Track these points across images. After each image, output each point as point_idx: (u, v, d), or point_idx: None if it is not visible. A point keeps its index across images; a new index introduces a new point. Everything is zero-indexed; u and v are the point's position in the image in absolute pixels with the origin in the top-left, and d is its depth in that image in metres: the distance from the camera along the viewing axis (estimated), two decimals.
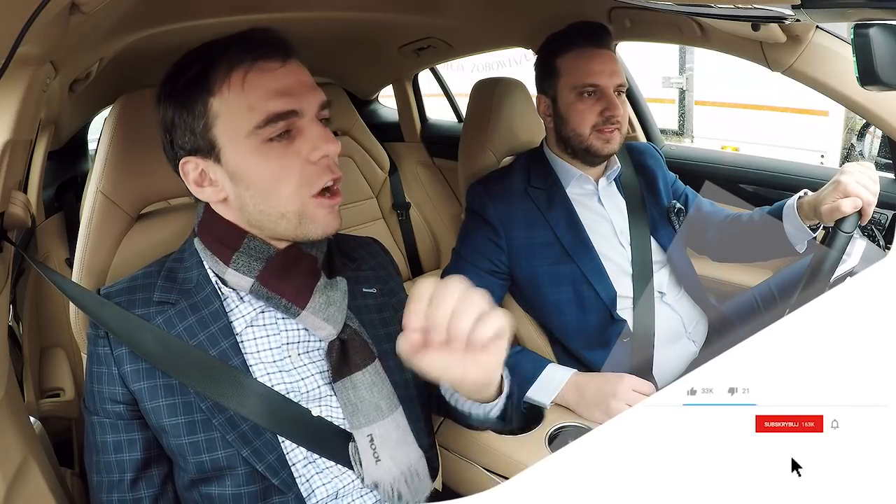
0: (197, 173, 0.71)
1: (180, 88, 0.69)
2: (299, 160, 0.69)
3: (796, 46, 1.05)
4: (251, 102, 0.67)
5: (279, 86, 0.68)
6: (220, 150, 0.69)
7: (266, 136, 0.67)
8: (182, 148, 0.71)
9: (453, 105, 2.30)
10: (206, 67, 0.68)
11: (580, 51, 1.16)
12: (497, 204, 1.19)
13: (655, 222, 1.25)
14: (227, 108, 0.68)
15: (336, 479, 0.75)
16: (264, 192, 0.69)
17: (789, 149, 3.67)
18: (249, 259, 0.73)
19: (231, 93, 0.67)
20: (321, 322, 0.75)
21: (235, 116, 0.67)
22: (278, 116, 0.67)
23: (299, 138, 0.69)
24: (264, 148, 0.68)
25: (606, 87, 1.14)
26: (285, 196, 0.69)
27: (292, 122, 0.68)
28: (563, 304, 1.18)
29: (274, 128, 0.67)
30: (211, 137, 0.69)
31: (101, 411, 0.73)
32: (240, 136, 0.68)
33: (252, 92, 0.67)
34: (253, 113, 0.67)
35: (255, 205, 0.70)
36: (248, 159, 0.68)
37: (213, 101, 0.68)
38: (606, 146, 1.15)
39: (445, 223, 2.17)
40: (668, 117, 4.60)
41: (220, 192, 0.72)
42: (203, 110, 0.68)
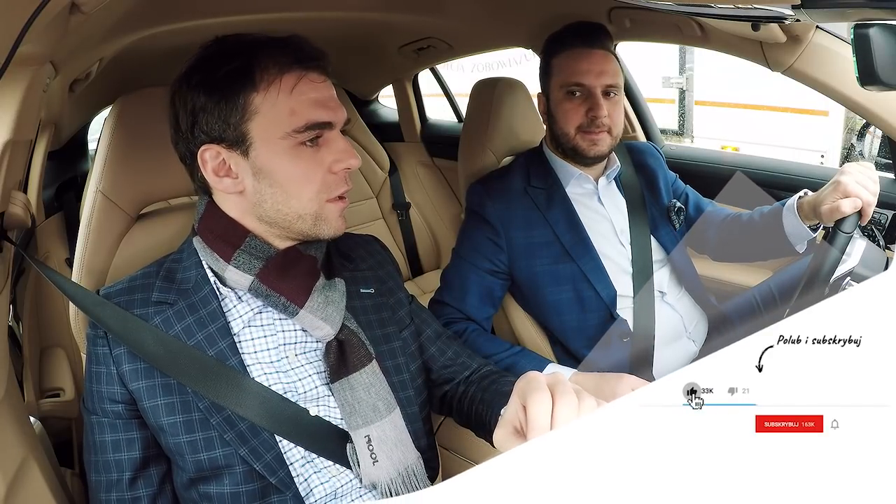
0: (217, 162, 0.72)
1: (220, 77, 0.70)
2: (323, 168, 0.72)
3: (796, 46, 1.05)
4: (294, 107, 0.70)
5: (321, 97, 0.72)
6: (250, 144, 0.71)
7: (300, 140, 0.71)
8: (207, 134, 0.71)
9: (453, 105, 2.30)
10: (251, 63, 0.70)
11: (571, 50, 1.16)
12: (497, 204, 1.19)
13: (656, 221, 1.25)
14: (270, 106, 0.70)
15: (334, 478, 0.76)
16: (287, 192, 0.72)
17: (789, 149, 3.67)
18: (250, 257, 0.74)
19: (278, 94, 0.70)
20: (319, 322, 0.75)
21: (276, 117, 0.70)
22: (316, 125, 0.71)
23: (325, 148, 0.73)
24: (295, 151, 0.71)
25: (593, 86, 1.13)
26: (306, 198, 0.72)
27: (324, 133, 0.72)
28: (563, 303, 1.18)
29: (309, 134, 0.71)
30: (244, 130, 0.70)
31: (100, 411, 0.73)
32: (275, 135, 0.70)
33: (298, 98, 0.70)
34: (294, 117, 0.70)
35: (274, 203, 0.72)
36: (278, 158, 0.71)
37: (255, 96, 0.69)
38: (593, 148, 1.15)
39: (445, 223, 2.17)
40: (668, 117, 4.59)
41: (238, 185, 0.73)
42: (243, 103, 0.69)
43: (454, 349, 0.93)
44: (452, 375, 0.91)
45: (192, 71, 0.72)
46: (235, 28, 0.73)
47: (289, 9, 1.19)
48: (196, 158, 0.72)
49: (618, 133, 1.18)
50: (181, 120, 0.73)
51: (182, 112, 0.72)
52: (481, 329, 1.17)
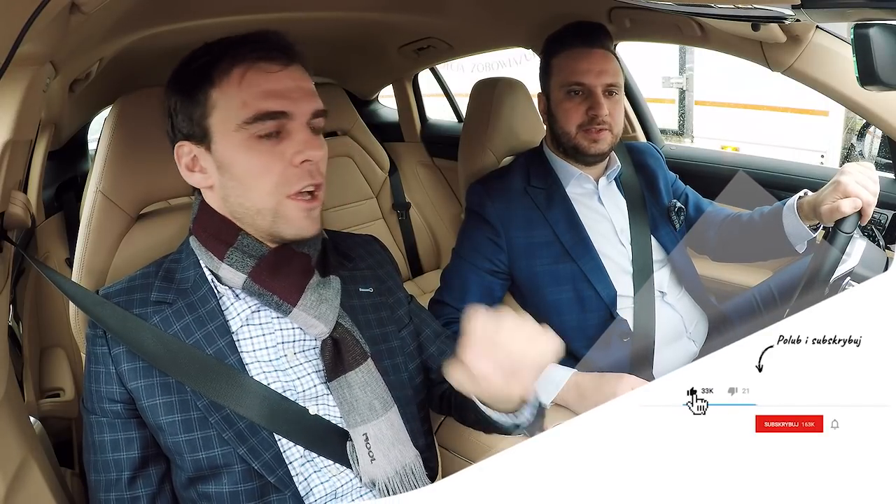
0: (189, 158, 0.74)
1: (186, 77, 0.73)
2: (282, 161, 0.71)
3: (796, 46, 1.05)
4: (245, 99, 0.70)
5: (274, 87, 0.71)
6: (211, 138, 0.72)
7: (254, 132, 0.70)
8: (180, 132, 0.74)
9: (453, 105, 2.30)
10: (211, 60, 0.71)
11: (570, 50, 1.17)
12: (497, 203, 1.19)
13: (656, 221, 1.25)
14: (225, 100, 0.71)
15: (334, 477, 0.76)
16: (245, 185, 0.72)
17: (789, 149, 3.67)
18: (243, 255, 0.74)
19: (230, 87, 0.70)
20: (313, 320, 0.75)
21: (229, 109, 0.70)
22: (267, 115, 0.70)
23: (286, 140, 0.71)
24: (251, 143, 0.71)
25: (593, 86, 1.14)
26: (263, 192, 0.71)
27: (282, 124, 0.71)
28: (563, 303, 1.18)
29: (262, 126, 0.70)
30: (206, 125, 0.72)
31: (99, 410, 0.73)
32: (230, 128, 0.71)
33: (248, 89, 0.70)
34: (245, 109, 0.70)
35: (235, 196, 0.73)
36: (234, 151, 0.71)
37: (213, 91, 0.71)
38: (594, 146, 1.15)
39: (445, 223, 2.17)
40: (668, 117, 4.59)
41: (207, 179, 0.74)
42: (203, 99, 0.71)
43: (453, 348, 0.93)
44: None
45: (172, 75, 0.75)
46: (235, 28, 0.73)
47: (289, 9, 1.19)
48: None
49: (618, 131, 1.18)
50: (167, 122, 0.76)
51: (166, 114, 0.76)
52: None
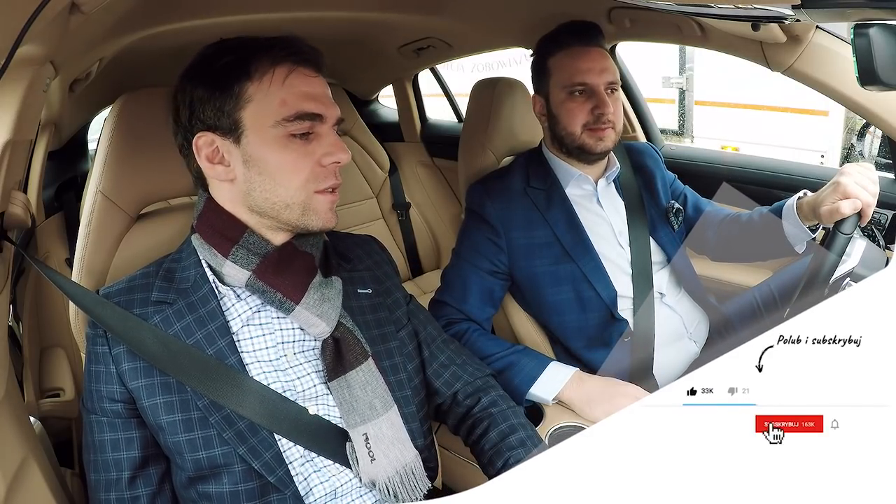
0: (211, 149, 0.74)
1: (217, 69, 0.73)
2: (312, 160, 0.74)
3: (796, 46, 1.05)
4: (285, 97, 0.72)
5: (313, 91, 0.74)
6: (242, 132, 0.72)
7: (290, 130, 0.72)
8: (202, 122, 0.74)
9: (453, 105, 2.30)
10: (247, 56, 0.72)
11: (569, 50, 1.16)
12: (497, 204, 1.19)
13: (654, 223, 1.25)
14: (263, 95, 0.72)
15: (333, 477, 0.76)
16: (275, 180, 0.73)
17: (789, 149, 3.67)
18: (248, 253, 0.75)
19: (271, 84, 0.72)
20: (315, 318, 0.75)
21: (268, 105, 0.72)
22: (306, 116, 0.73)
23: (316, 141, 0.74)
24: (285, 141, 0.72)
25: (596, 84, 1.14)
26: (294, 187, 0.73)
27: (314, 126, 0.74)
28: (564, 303, 1.17)
29: (299, 125, 0.72)
30: (238, 118, 0.72)
31: (99, 410, 0.73)
32: (266, 123, 0.72)
33: (289, 89, 0.72)
34: (284, 107, 0.72)
35: (262, 191, 0.74)
36: (267, 146, 0.72)
37: (249, 85, 0.72)
38: (599, 143, 1.15)
39: (445, 223, 2.17)
40: (668, 117, 4.59)
41: (229, 172, 0.74)
42: (238, 92, 0.72)
43: (447, 355, 0.93)
44: (441, 388, 0.91)
45: (192, 67, 0.75)
46: (235, 28, 0.73)
47: (289, 9, 1.19)
48: (192, 151, 0.74)
49: (620, 129, 1.18)
50: (181, 113, 0.75)
51: (182, 105, 0.75)
52: (482, 329, 1.17)
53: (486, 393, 0.92)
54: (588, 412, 1.04)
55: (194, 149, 0.74)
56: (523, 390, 1.07)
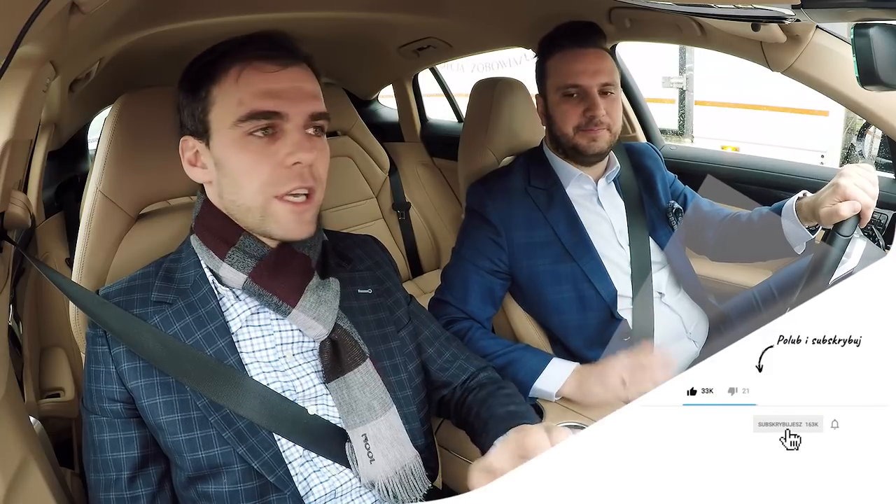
0: (192, 153, 0.76)
1: (191, 74, 0.75)
2: (273, 161, 0.71)
3: (796, 46, 1.05)
4: (241, 96, 0.71)
5: (270, 87, 0.71)
6: (210, 134, 0.73)
7: (247, 129, 0.71)
8: (185, 127, 0.76)
9: (453, 105, 2.30)
10: (214, 58, 0.73)
11: (564, 52, 1.17)
12: (497, 203, 1.19)
13: (654, 223, 1.25)
14: (223, 97, 0.72)
15: (333, 477, 0.76)
16: (236, 182, 0.73)
17: (789, 149, 3.67)
18: (244, 255, 0.75)
19: (228, 84, 0.72)
20: (311, 321, 0.75)
21: (227, 106, 0.72)
22: (260, 115, 0.70)
23: (280, 141, 0.72)
24: (244, 141, 0.71)
25: (589, 86, 1.14)
26: (252, 190, 0.72)
27: (275, 124, 0.71)
28: (564, 303, 1.18)
29: (255, 124, 0.71)
30: (206, 121, 0.73)
31: (99, 410, 0.73)
32: (226, 125, 0.72)
33: (244, 87, 0.71)
34: (240, 106, 0.71)
35: (228, 193, 0.74)
36: (228, 148, 0.72)
37: (214, 88, 0.73)
38: (593, 144, 1.15)
39: (445, 223, 2.17)
40: (668, 117, 4.59)
41: (207, 175, 0.76)
42: (204, 95, 0.73)
43: (452, 351, 0.93)
44: (449, 379, 0.91)
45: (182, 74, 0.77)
46: (235, 28, 0.73)
47: (289, 9, 1.19)
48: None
49: (616, 130, 1.18)
50: (174, 117, 0.78)
51: (174, 110, 0.77)
52: (483, 328, 1.17)
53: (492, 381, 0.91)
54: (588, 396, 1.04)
55: (180, 152, 0.76)
56: (527, 386, 1.07)
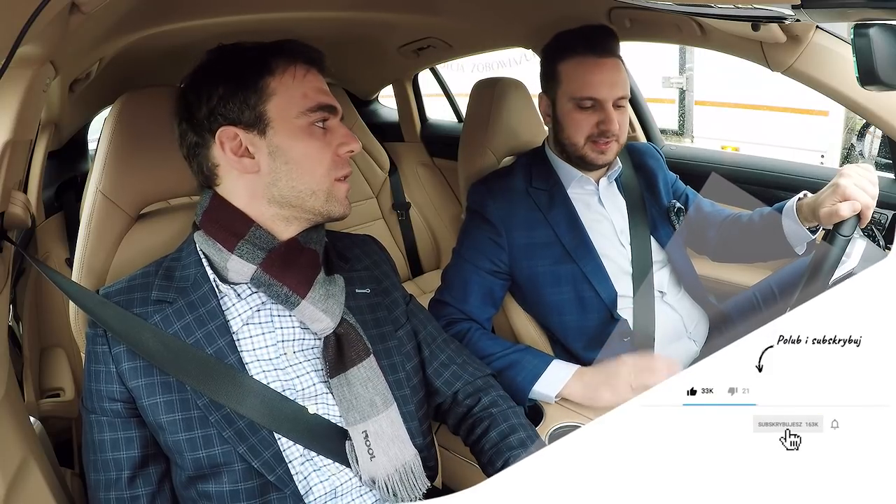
0: (235, 143, 0.76)
1: (239, 66, 0.76)
2: (330, 149, 0.78)
3: (796, 46, 1.05)
4: (306, 91, 0.77)
5: (324, 88, 0.80)
6: (268, 124, 0.76)
7: (312, 119, 0.77)
8: (224, 117, 0.76)
9: (453, 105, 2.30)
10: (267, 54, 0.77)
11: (581, 59, 1.13)
12: (498, 203, 1.19)
13: (655, 222, 1.25)
14: (285, 89, 0.76)
15: (333, 476, 0.76)
16: (302, 168, 0.76)
17: (789, 149, 3.67)
18: (254, 247, 0.75)
19: (292, 80, 0.77)
20: (319, 314, 0.76)
21: (291, 98, 0.76)
22: (324, 107, 0.78)
23: (331, 133, 0.79)
24: (309, 130, 0.77)
25: (605, 99, 1.11)
26: (319, 174, 0.77)
27: (329, 117, 0.79)
28: (564, 304, 1.17)
29: (320, 115, 0.78)
30: (262, 111, 0.75)
31: (99, 409, 0.73)
32: (291, 114, 0.76)
33: (307, 84, 0.78)
34: (306, 99, 0.77)
35: (288, 180, 0.76)
36: (294, 136, 0.76)
37: (271, 80, 0.76)
38: (601, 157, 1.15)
39: (445, 223, 2.17)
40: (668, 117, 4.60)
41: (254, 165, 0.76)
42: (262, 86, 0.76)
43: (447, 354, 0.94)
44: (441, 387, 0.91)
45: (207, 66, 0.78)
46: (235, 28, 0.74)
47: (289, 9, 1.19)
48: (207, 147, 0.76)
49: (624, 139, 1.17)
50: (196, 110, 0.76)
51: (197, 102, 0.76)
52: (483, 329, 1.17)
53: (486, 393, 0.92)
54: (591, 398, 1.04)
55: (217, 143, 0.76)
56: (526, 388, 1.06)
